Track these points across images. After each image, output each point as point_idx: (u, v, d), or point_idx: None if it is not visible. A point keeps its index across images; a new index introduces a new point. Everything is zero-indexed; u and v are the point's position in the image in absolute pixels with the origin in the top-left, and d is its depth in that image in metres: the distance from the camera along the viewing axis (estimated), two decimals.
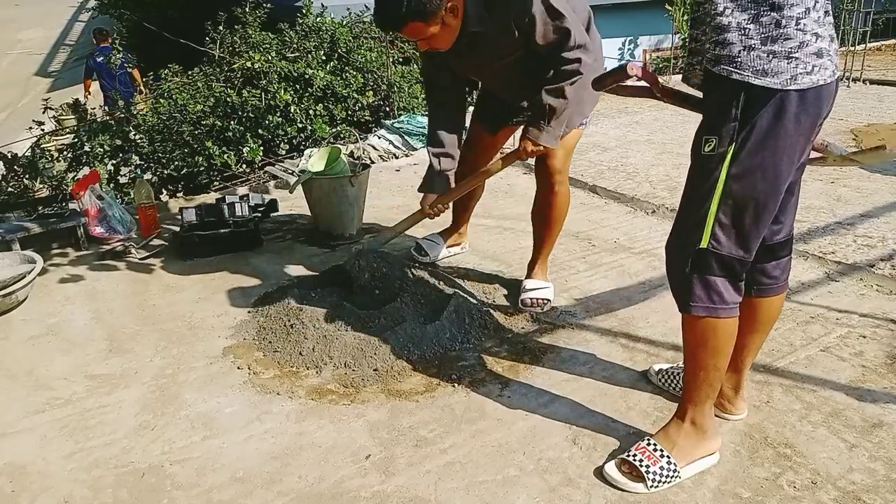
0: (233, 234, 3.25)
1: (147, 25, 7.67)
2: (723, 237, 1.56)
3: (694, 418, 1.73)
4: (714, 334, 1.64)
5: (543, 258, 2.69)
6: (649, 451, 1.71)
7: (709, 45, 1.50)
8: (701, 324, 1.64)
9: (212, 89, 4.72)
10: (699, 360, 1.68)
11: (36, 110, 4.98)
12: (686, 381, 1.75)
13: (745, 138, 1.49)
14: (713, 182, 1.54)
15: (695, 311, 1.63)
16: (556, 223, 2.63)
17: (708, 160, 1.55)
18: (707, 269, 1.59)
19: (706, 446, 1.73)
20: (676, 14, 8.87)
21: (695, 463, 1.72)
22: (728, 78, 1.47)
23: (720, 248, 1.57)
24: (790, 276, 1.83)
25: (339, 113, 5.01)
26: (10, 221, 3.30)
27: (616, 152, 4.71)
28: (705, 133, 1.56)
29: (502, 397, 2.07)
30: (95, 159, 4.35)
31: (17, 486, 1.77)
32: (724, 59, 1.48)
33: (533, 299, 2.57)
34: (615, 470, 1.72)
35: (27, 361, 2.37)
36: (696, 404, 1.72)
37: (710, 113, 1.57)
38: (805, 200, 3.58)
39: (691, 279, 1.61)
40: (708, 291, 1.61)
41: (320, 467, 1.80)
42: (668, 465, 1.68)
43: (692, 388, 1.72)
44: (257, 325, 2.50)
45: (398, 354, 2.25)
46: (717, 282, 1.60)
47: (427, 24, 2.11)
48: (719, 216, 1.55)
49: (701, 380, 1.70)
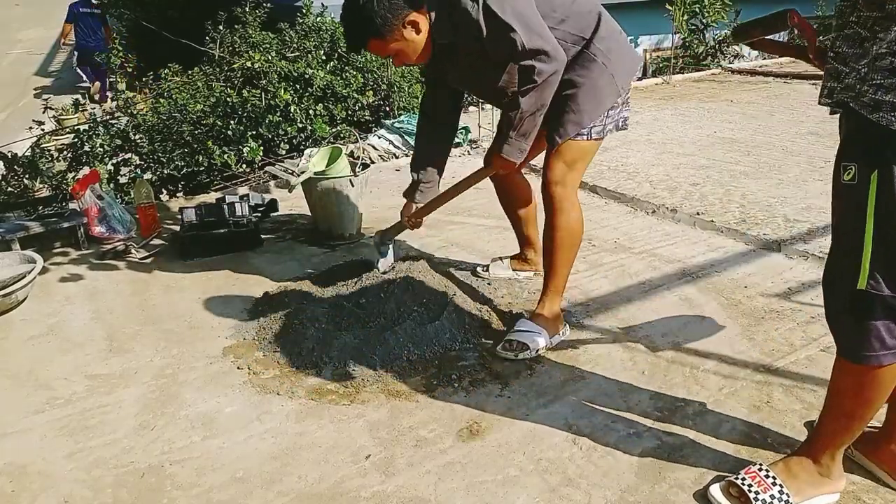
0: (233, 234, 3.25)
1: (147, 25, 7.67)
2: (882, 276, 1.37)
3: (821, 459, 1.59)
4: (871, 384, 1.46)
5: (549, 294, 2.37)
6: (760, 478, 1.59)
7: (868, 87, 1.31)
8: (858, 370, 1.46)
9: (212, 89, 4.72)
10: (847, 407, 1.52)
11: (36, 110, 4.98)
12: (824, 423, 1.59)
13: (890, 160, 1.31)
14: (861, 214, 1.35)
15: (859, 362, 1.44)
16: (561, 251, 2.33)
17: (851, 190, 1.37)
18: (868, 312, 1.40)
19: (831, 486, 1.60)
20: (676, 14, 8.86)
21: (814, 499, 1.60)
22: (887, 127, 1.29)
23: (879, 290, 1.38)
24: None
25: (339, 113, 5.01)
26: (10, 221, 3.30)
27: (616, 152, 4.70)
28: (844, 160, 1.39)
29: (502, 397, 2.07)
30: (95, 159, 4.35)
31: (17, 486, 1.77)
32: (886, 106, 1.28)
33: (510, 342, 2.28)
34: (720, 493, 1.61)
35: (27, 361, 2.37)
36: (828, 448, 1.58)
37: (850, 140, 1.40)
38: (805, 200, 3.59)
39: (851, 324, 1.44)
40: (869, 338, 1.42)
41: (320, 467, 1.80)
42: (779, 495, 1.56)
43: (829, 432, 1.57)
44: (257, 325, 2.50)
45: (398, 354, 2.25)
46: (880, 326, 1.41)
47: (386, 42, 2.10)
48: (875, 252, 1.36)
49: (842, 426, 1.54)
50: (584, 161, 2.33)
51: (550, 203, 2.30)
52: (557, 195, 2.29)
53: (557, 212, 2.30)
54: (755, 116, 5.65)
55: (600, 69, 2.21)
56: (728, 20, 9.49)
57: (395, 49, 2.14)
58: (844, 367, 1.50)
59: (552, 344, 2.32)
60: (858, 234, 1.37)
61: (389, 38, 2.10)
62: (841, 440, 1.57)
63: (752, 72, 7.86)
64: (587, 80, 2.20)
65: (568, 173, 2.29)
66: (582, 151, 2.29)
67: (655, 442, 1.85)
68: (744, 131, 5.16)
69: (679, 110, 6.02)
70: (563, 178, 2.28)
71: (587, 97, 2.22)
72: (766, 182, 3.92)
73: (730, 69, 8.22)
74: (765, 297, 2.62)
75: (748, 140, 4.89)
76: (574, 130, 2.24)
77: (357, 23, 2.09)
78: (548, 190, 2.30)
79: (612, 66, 2.22)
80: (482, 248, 3.18)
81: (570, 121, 2.23)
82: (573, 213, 2.31)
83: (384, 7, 2.04)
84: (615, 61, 2.23)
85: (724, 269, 2.88)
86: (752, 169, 4.18)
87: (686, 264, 2.94)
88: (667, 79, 7.62)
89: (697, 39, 9.57)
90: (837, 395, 1.54)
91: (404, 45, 2.13)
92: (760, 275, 2.81)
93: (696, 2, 9.17)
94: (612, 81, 2.24)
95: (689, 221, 3.40)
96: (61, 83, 11.62)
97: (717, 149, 4.68)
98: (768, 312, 2.51)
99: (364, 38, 2.11)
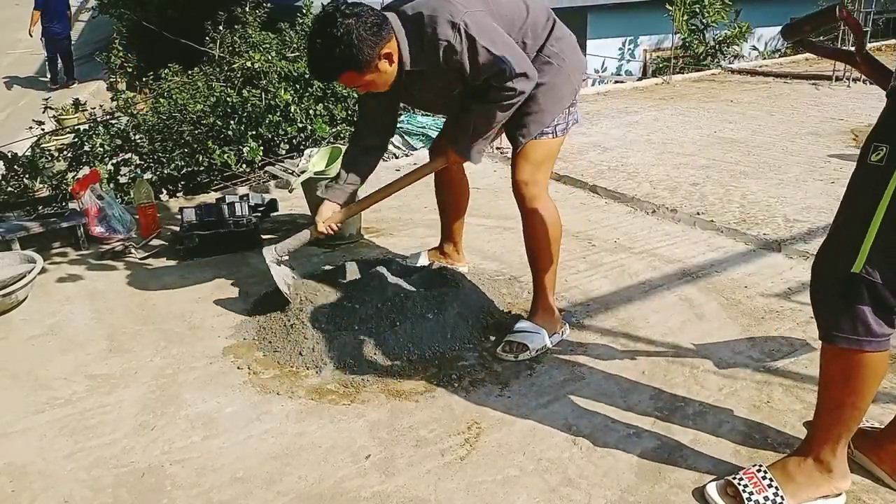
0: (233, 234, 3.25)
1: (147, 25, 7.68)
2: (879, 264, 1.36)
3: (820, 456, 1.57)
4: (857, 370, 1.45)
5: (540, 295, 2.37)
6: (757, 479, 1.58)
7: None
8: (843, 356, 1.46)
9: (212, 89, 4.72)
10: (837, 396, 1.51)
11: (36, 110, 4.98)
12: (818, 416, 1.58)
13: None
14: (876, 198, 1.33)
15: (837, 343, 1.44)
16: (541, 248, 2.33)
17: (874, 171, 1.35)
18: (856, 297, 1.40)
19: (831, 486, 1.57)
20: (676, 14, 8.87)
21: (816, 502, 1.58)
22: None
23: (873, 277, 1.37)
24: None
25: (339, 113, 5.01)
26: (10, 221, 3.30)
27: (616, 152, 4.70)
28: (875, 139, 1.37)
29: (502, 397, 2.07)
30: (95, 159, 4.35)
31: (17, 486, 1.77)
32: None
33: (509, 343, 2.28)
34: (716, 492, 1.61)
35: (27, 361, 2.37)
36: (825, 443, 1.55)
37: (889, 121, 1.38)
38: (805, 200, 3.59)
39: (837, 306, 1.43)
40: (854, 322, 1.41)
41: (320, 467, 1.80)
42: (774, 497, 1.55)
43: (824, 426, 1.55)
44: (257, 325, 2.50)
45: (398, 354, 2.25)
46: (866, 311, 1.40)
47: (362, 74, 2.07)
48: (878, 239, 1.35)
49: (836, 418, 1.52)
50: (551, 159, 2.37)
51: (523, 203, 2.32)
52: (529, 194, 2.30)
53: (531, 211, 2.31)
54: (755, 116, 5.65)
55: (556, 70, 2.27)
56: (728, 20, 9.50)
57: (367, 81, 2.11)
58: (830, 355, 1.50)
59: (552, 344, 2.32)
60: (867, 217, 1.35)
61: (366, 71, 2.07)
62: (837, 433, 1.54)
63: (752, 72, 7.86)
64: (545, 81, 2.24)
65: (536, 172, 2.31)
66: (548, 149, 2.34)
67: (655, 442, 1.85)
68: (744, 131, 5.16)
69: (679, 110, 6.02)
70: (532, 177, 2.30)
71: (547, 97, 2.26)
72: (766, 182, 3.92)
73: (730, 69, 8.22)
74: (765, 297, 2.62)
75: (748, 140, 4.89)
76: (537, 130, 2.28)
77: (332, 55, 2.02)
78: (519, 191, 2.31)
79: (566, 65, 2.28)
80: (482, 247, 3.18)
81: (533, 121, 2.27)
82: (548, 211, 2.32)
83: (363, 41, 2.00)
84: (568, 61, 2.29)
85: (724, 269, 2.88)
86: (752, 169, 4.18)
87: (686, 264, 2.94)
88: (667, 79, 7.61)
89: (697, 39, 9.58)
90: (827, 387, 1.54)
91: (377, 77, 2.11)
92: (760, 275, 2.81)
93: (696, 2, 9.18)
94: (569, 79, 2.31)
95: (689, 221, 3.40)
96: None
97: (717, 149, 4.68)
98: (768, 312, 2.51)
99: (339, 71, 2.07)
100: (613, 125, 5.54)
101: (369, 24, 2.01)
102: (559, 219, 2.36)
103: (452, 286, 2.59)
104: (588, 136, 5.10)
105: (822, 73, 7.13)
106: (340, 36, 1.99)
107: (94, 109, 5.30)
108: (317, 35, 2.05)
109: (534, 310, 2.38)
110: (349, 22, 1.99)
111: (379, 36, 2.03)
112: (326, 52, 2.03)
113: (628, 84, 7.79)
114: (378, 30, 2.03)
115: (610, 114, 5.95)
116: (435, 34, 2.06)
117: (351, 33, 1.99)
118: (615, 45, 10.93)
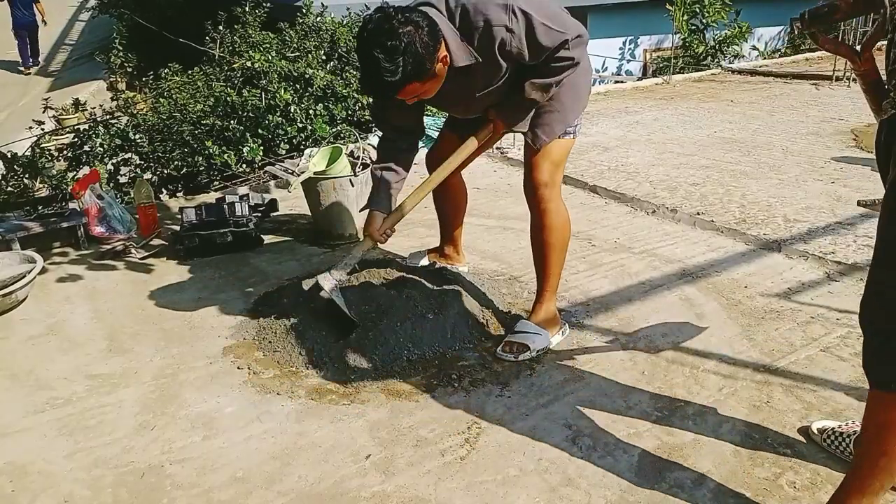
0: (233, 233, 3.25)
1: (147, 25, 7.68)
2: None
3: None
4: None
5: (545, 295, 2.35)
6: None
7: None
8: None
9: (212, 89, 4.72)
10: (886, 445, 1.34)
11: (36, 110, 4.98)
12: (860, 464, 1.42)
13: None
14: None
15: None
16: (553, 250, 2.30)
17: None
18: None
19: None
20: (676, 14, 8.87)
21: None
22: None
23: None
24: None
25: (339, 113, 5.01)
26: (10, 221, 3.30)
27: (616, 152, 4.70)
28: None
29: (502, 397, 2.07)
30: (95, 159, 4.35)
31: (17, 486, 1.77)
32: None
33: (510, 343, 2.26)
34: None
35: (27, 361, 2.37)
36: (865, 494, 1.40)
37: None
38: (805, 200, 3.59)
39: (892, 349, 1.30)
40: None
41: (320, 467, 1.80)
42: None
43: (865, 476, 1.40)
44: (257, 325, 2.50)
45: (398, 354, 2.25)
46: None
47: (423, 83, 1.98)
48: None
49: (881, 468, 1.36)
50: (565, 160, 2.34)
51: (538, 204, 2.27)
52: (546, 196, 2.25)
53: (546, 213, 2.27)
54: (755, 116, 5.65)
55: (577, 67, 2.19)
56: (728, 20, 9.50)
57: (426, 89, 2.02)
58: (881, 400, 1.34)
59: (552, 344, 2.32)
60: None
61: (426, 79, 1.97)
62: (880, 484, 1.38)
63: (752, 72, 7.86)
64: (567, 78, 2.17)
65: (556, 173, 2.27)
66: (566, 150, 2.31)
67: (655, 442, 1.85)
68: (744, 131, 5.15)
69: (679, 110, 6.02)
70: (551, 178, 2.26)
71: (569, 95, 2.22)
72: (766, 182, 3.92)
73: (730, 69, 8.22)
74: (765, 297, 2.62)
75: (748, 140, 4.89)
76: (561, 129, 2.25)
77: (397, 69, 1.87)
78: (536, 192, 2.26)
79: (584, 64, 2.23)
80: (483, 248, 3.18)
81: (556, 120, 2.23)
82: (561, 213, 2.29)
83: (426, 48, 1.89)
84: (584, 61, 2.23)
85: (724, 269, 2.88)
86: (752, 169, 4.18)
87: (686, 264, 2.94)
88: (667, 79, 7.61)
89: (697, 39, 9.58)
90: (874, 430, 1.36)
91: (434, 83, 2.02)
92: (760, 275, 2.81)
93: (696, 2, 9.19)
94: (587, 78, 2.28)
95: (689, 221, 3.40)
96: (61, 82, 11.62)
97: (717, 149, 4.68)
98: (768, 312, 2.51)
99: (405, 84, 1.92)
100: (614, 125, 5.54)
101: (426, 30, 1.90)
102: (569, 221, 2.34)
103: (452, 286, 2.59)
104: (588, 136, 5.10)
105: (823, 73, 7.12)
106: (405, 47, 1.85)
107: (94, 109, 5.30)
108: (374, 47, 1.87)
109: (535, 310, 2.37)
110: (408, 30, 1.87)
111: (436, 40, 1.93)
112: (390, 65, 1.87)
113: (628, 84, 7.78)
114: (433, 34, 1.92)
115: (610, 114, 5.95)
116: (488, 22, 1.97)
117: (414, 43, 1.87)
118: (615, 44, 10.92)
